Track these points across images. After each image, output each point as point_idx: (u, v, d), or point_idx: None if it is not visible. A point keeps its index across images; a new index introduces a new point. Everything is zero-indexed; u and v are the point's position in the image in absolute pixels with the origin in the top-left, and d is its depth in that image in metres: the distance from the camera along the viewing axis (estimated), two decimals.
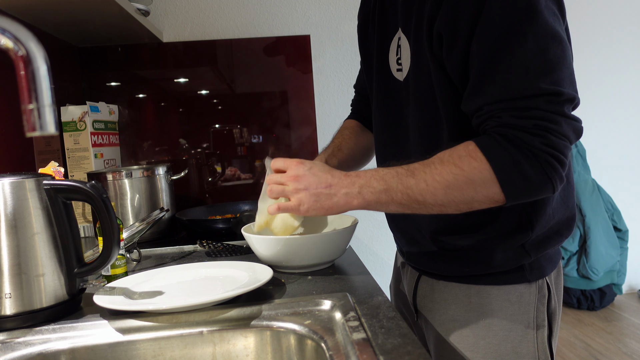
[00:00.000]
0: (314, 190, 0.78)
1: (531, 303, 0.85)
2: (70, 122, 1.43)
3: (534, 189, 0.71)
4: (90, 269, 0.77)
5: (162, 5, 1.80)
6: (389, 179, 0.75)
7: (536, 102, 0.69)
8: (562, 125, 0.69)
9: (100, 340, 0.70)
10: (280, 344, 0.70)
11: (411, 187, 0.74)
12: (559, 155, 0.69)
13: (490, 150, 0.70)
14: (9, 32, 0.54)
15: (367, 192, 0.76)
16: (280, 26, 1.86)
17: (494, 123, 0.72)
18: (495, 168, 0.69)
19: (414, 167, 0.75)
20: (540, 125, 0.69)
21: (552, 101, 0.69)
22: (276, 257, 0.90)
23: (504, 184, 0.70)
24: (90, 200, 0.76)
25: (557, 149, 0.69)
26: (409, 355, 0.55)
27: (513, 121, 0.70)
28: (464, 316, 0.87)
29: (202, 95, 1.82)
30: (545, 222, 0.83)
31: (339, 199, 0.78)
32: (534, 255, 0.84)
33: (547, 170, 0.69)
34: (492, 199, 0.72)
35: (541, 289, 0.86)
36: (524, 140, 0.69)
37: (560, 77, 0.70)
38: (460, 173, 0.71)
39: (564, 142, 0.70)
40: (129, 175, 1.32)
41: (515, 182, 0.70)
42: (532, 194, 0.72)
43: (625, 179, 2.89)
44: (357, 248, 1.94)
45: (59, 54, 1.60)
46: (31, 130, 0.55)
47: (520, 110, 0.70)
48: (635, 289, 3.00)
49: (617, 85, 2.80)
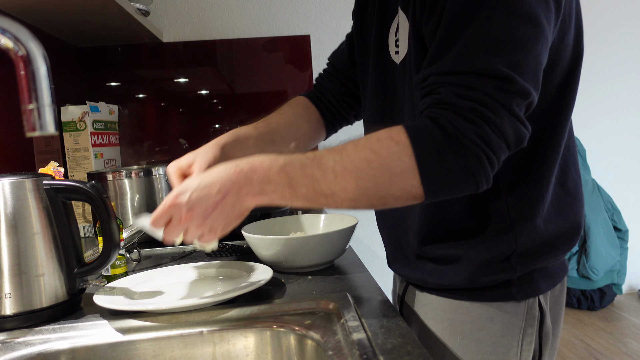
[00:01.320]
0: (214, 214, 0.66)
1: (517, 324, 0.76)
2: (70, 122, 1.43)
3: (455, 183, 0.61)
4: (90, 269, 0.77)
5: (162, 5, 1.80)
6: (292, 170, 0.64)
7: (483, 83, 0.59)
8: (503, 119, 0.59)
9: (100, 340, 0.70)
10: (280, 344, 0.70)
11: (317, 180, 0.63)
12: (489, 153, 0.59)
13: (416, 134, 0.60)
14: (9, 32, 0.54)
15: (270, 189, 0.65)
16: (280, 26, 1.86)
17: (431, 100, 0.63)
18: (417, 154, 0.59)
19: (321, 154, 0.64)
20: (478, 110, 0.59)
21: (501, 88, 0.59)
22: (276, 257, 0.90)
23: (424, 175, 0.60)
24: (90, 200, 0.76)
25: (489, 144, 0.59)
26: (409, 355, 0.55)
27: (450, 99, 0.60)
28: (440, 333, 0.80)
29: (202, 95, 1.82)
30: (534, 235, 0.74)
31: (241, 202, 0.66)
32: (521, 270, 0.75)
33: (473, 165, 0.59)
34: (409, 193, 0.61)
35: (531, 309, 0.76)
36: (455, 125, 0.59)
37: (521, 62, 0.60)
38: (375, 159, 0.61)
39: (499, 141, 0.60)
40: (129, 175, 1.32)
41: (436, 174, 0.60)
42: (452, 190, 0.62)
43: (625, 179, 2.89)
44: (357, 248, 1.94)
45: (59, 54, 1.60)
46: (31, 130, 0.55)
47: (462, 88, 0.60)
48: (635, 289, 3.00)
49: (617, 85, 2.80)
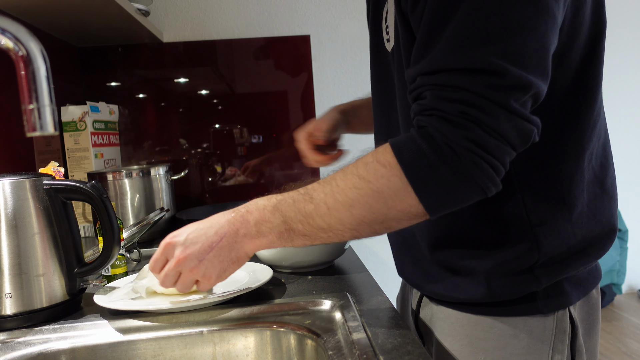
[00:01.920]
0: (209, 255, 0.64)
1: (546, 340, 0.67)
2: (71, 122, 1.43)
3: (457, 197, 0.56)
4: (90, 269, 0.77)
5: (162, 5, 1.80)
6: (285, 208, 0.61)
7: (470, 80, 0.52)
8: (498, 119, 0.52)
9: (100, 340, 0.70)
10: (280, 344, 0.70)
11: (311, 215, 0.60)
12: (489, 158, 0.53)
13: (403, 151, 0.55)
14: (9, 32, 0.54)
15: (266, 230, 0.62)
16: (280, 26, 1.86)
17: (417, 107, 0.57)
18: (407, 173, 0.55)
19: (312, 188, 0.61)
20: (467, 113, 0.52)
21: (491, 84, 0.52)
22: (276, 257, 0.90)
23: (421, 194, 0.55)
24: (90, 200, 0.76)
25: (485, 148, 0.53)
26: (409, 355, 0.55)
27: (436, 104, 0.54)
28: (460, 350, 0.71)
29: (202, 95, 1.82)
30: (559, 241, 0.66)
31: (238, 245, 0.64)
32: (547, 281, 0.66)
33: (473, 173, 0.54)
34: (410, 214, 0.57)
35: (561, 322, 0.68)
36: (444, 134, 0.53)
37: (517, 49, 0.52)
38: (365, 186, 0.57)
39: (498, 143, 0.53)
40: (129, 175, 1.32)
41: (433, 190, 0.55)
42: (456, 203, 0.57)
43: (625, 179, 2.89)
44: (357, 248, 1.93)
45: (59, 54, 1.60)
46: (31, 130, 0.55)
47: (447, 90, 0.53)
48: (635, 289, 3.00)
49: (616, 85, 2.80)
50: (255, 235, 0.63)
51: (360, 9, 1.90)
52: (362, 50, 1.92)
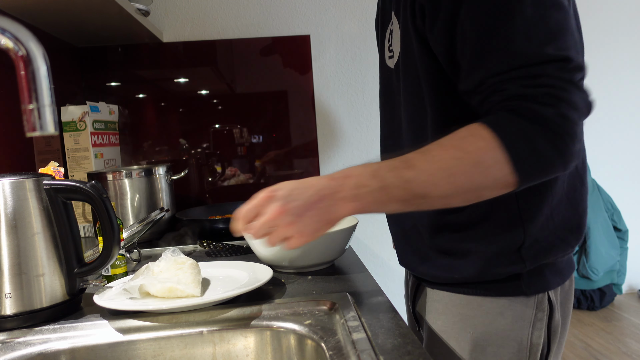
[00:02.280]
0: (308, 213, 0.65)
1: (527, 318, 0.77)
2: (70, 122, 1.43)
3: (548, 166, 0.63)
4: (90, 269, 0.77)
5: (162, 5, 1.80)
6: (384, 173, 0.64)
7: (545, 69, 0.63)
8: (573, 94, 0.63)
9: (100, 340, 0.70)
10: (280, 344, 0.70)
11: (410, 181, 0.63)
12: (572, 128, 0.62)
13: (499, 127, 0.63)
14: (9, 32, 0.54)
15: (364, 193, 0.64)
16: (280, 26, 1.86)
17: (499, 97, 0.65)
18: (506, 145, 0.61)
19: (410, 157, 0.65)
20: (551, 94, 0.62)
21: (561, 68, 0.63)
22: (276, 257, 0.90)
23: (517, 163, 0.61)
24: (90, 200, 0.76)
25: (570, 120, 0.62)
26: (409, 355, 0.55)
27: (521, 91, 0.63)
28: (451, 328, 0.81)
29: (202, 95, 1.82)
30: (541, 224, 0.75)
31: (336, 207, 0.65)
32: (531, 264, 0.76)
33: (561, 145, 0.62)
34: (503, 183, 0.63)
35: (540, 304, 0.78)
36: (536, 112, 0.62)
37: (565, 44, 0.64)
38: (464, 157, 0.63)
39: (576, 114, 0.63)
40: (129, 175, 1.32)
41: (528, 159, 0.62)
42: (545, 172, 0.65)
43: (625, 178, 2.89)
44: (357, 248, 1.94)
45: (59, 54, 1.60)
46: (31, 130, 0.55)
47: (528, 79, 0.63)
48: (635, 289, 3.00)
49: (616, 85, 2.80)
50: (352, 199, 0.65)
51: (360, 9, 1.90)
52: (362, 50, 1.92)
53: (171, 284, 0.75)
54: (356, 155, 1.94)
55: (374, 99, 1.94)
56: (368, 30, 1.91)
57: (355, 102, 1.95)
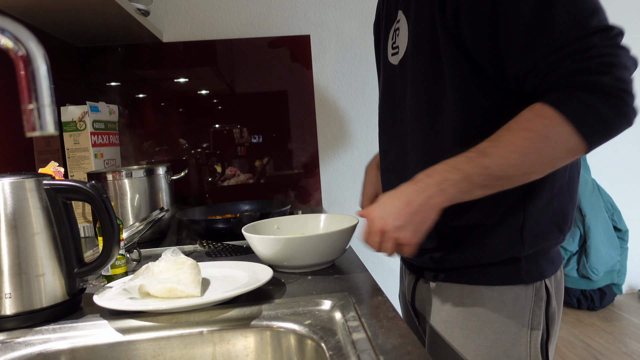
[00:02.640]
0: (403, 221, 0.75)
1: (527, 305, 0.82)
2: (70, 122, 1.43)
3: (613, 128, 0.69)
4: (90, 269, 0.77)
5: (162, 5, 1.80)
6: (463, 166, 0.73)
7: (592, 40, 0.67)
8: (622, 57, 0.68)
9: (100, 340, 0.70)
10: (280, 344, 0.70)
11: (489, 167, 0.71)
12: (629, 88, 0.68)
13: (560, 103, 0.68)
14: (9, 32, 0.54)
15: (448, 186, 0.73)
16: (280, 26, 1.86)
17: (556, 76, 0.70)
18: (570, 118, 0.67)
19: (482, 146, 0.72)
20: (604, 62, 0.67)
21: (606, 37, 0.68)
22: (276, 257, 0.90)
23: (584, 131, 0.67)
24: (90, 200, 0.76)
25: (627, 82, 0.67)
26: (409, 355, 0.55)
27: (576, 66, 0.68)
28: (455, 317, 0.85)
29: (202, 95, 1.82)
30: (541, 207, 0.81)
31: (425, 207, 0.74)
32: (529, 247, 0.81)
33: (622, 106, 0.67)
34: (573, 151, 0.70)
35: (538, 291, 0.83)
36: (594, 82, 0.67)
37: (603, 15, 0.69)
38: (534, 136, 0.69)
39: (628, 73, 0.68)
40: (129, 175, 1.32)
41: (594, 126, 0.68)
42: (611, 134, 0.70)
43: (625, 179, 2.89)
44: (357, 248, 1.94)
45: (59, 54, 1.60)
46: (31, 130, 0.55)
47: (579, 53, 0.68)
48: (635, 289, 3.00)
49: None
50: (438, 194, 0.74)
51: (360, 9, 1.90)
52: (362, 50, 1.92)
53: (171, 284, 0.75)
54: (356, 155, 1.94)
55: (373, 98, 1.94)
56: (368, 30, 1.91)
57: (355, 102, 1.95)
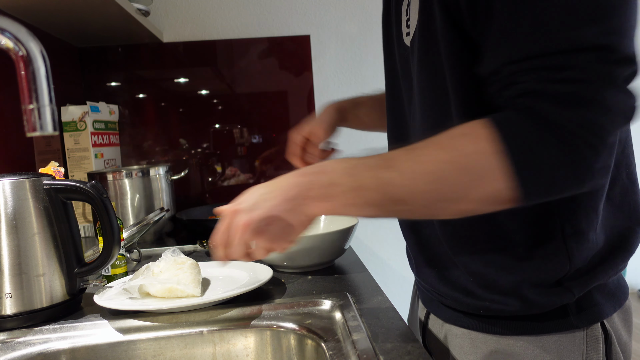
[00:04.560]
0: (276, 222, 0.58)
1: (577, 351, 0.62)
2: (71, 122, 1.43)
3: (556, 184, 0.50)
4: (90, 269, 0.77)
5: (162, 5, 1.80)
6: (360, 172, 0.55)
7: (577, 58, 0.47)
8: (610, 94, 0.48)
9: (100, 340, 0.70)
10: (280, 344, 0.70)
11: (389, 183, 0.53)
12: (597, 139, 0.48)
13: (503, 128, 0.50)
14: (9, 32, 0.54)
15: (336, 193, 0.56)
16: (280, 26, 1.86)
17: (515, 92, 0.51)
18: (511, 150, 0.49)
19: (393, 155, 0.56)
20: (577, 92, 0.48)
21: (601, 59, 0.47)
22: (276, 256, 0.90)
23: (523, 175, 0.49)
24: (90, 200, 0.76)
25: (595, 129, 0.48)
26: (409, 355, 0.55)
27: (541, 86, 0.49)
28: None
29: (202, 95, 1.82)
30: (589, 251, 0.61)
31: (305, 208, 0.57)
32: (579, 291, 0.61)
33: (576, 159, 0.48)
34: (496, 197, 0.51)
35: (592, 330, 0.63)
36: (557, 114, 0.48)
37: (617, 26, 0.48)
38: (454, 160, 0.51)
39: (610, 121, 0.48)
40: (129, 175, 1.32)
41: (539, 172, 0.49)
42: (556, 190, 0.51)
43: None
44: (357, 248, 1.93)
45: (59, 54, 1.60)
46: (31, 130, 0.55)
47: (552, 71, 0.49)
48: (635, 289, 3.00)
49: None
50: (323, 198, 0.56)
51: (360, 9, 1.90)
52: (362, 50, 1.92)
53: (171, 284, 0.75)
54: (356, 155, 1.94)
55: None
56: (368, 31, 1.91)
57: None
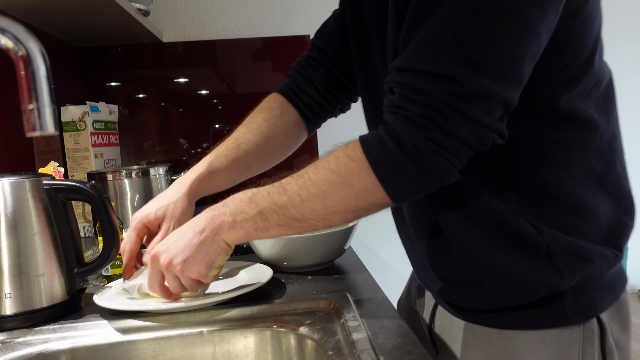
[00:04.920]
0: (192, 254, 0.67)
1: (574, 343, 0.65)
2: (70, 122, 1.43)
3: (421, 187, 0.60)
4: (90, 269, 0.77)
5: (162, 5, 1.80)
6: (260, 200, 0.65)
7: (432, 85, 0.55)
8: (454, 122, 0.55)
9: (100, 340, 0.70)
10: (280, 344, 0.70)
11: (285, 206, 0.63)
12: (448, 156, 0.57)
13: (371, 148, 0.59)
14: (9, 32, 0.54)
15: (242, 219, 0.66)
16: (280, 26, 1.86)
17: (386, 102, 0.61)
18: (375, 169, 0.59)
19: (286, 182, 0.65)
20: (427, 115, 0.55)
21: (448, 90, 0.54)
22: (276, 256, 0.90)
23: (387, 186, 0.59)
24: (90, 200, 0.76)
25: (445, 147, 0.56)
26: (409, 355, 0.55)
27: (401, 103, 0.57)
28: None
29: (202, 95, 1.82)
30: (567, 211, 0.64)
31: (219, 236, 0.67)
32: (570, 276, 0.63)
33: (433, 168, 0.57)
34: (378, 204, 0.61)
35: (589, 324, 0.66)
36: (407, 133, 0.57)
37: (484, 58, 0.53)
38: (336, 180, 0.60)
39: (455, 143, 0.56)
40: (129, 175, 1.32)
41: (398, 182, 0.59)
42: (419, 193, 0.61)
43: None
44: (357, 248, 1.93)
45: (59, 54, 1.60)
46: (31, 130, 0.55)
47: (412, 91, 0.56)
48: (635, 289, 3.00)
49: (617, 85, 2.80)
50: (232, 226, 0.67)
51: None
52: None
53: None
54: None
55: None
56: None
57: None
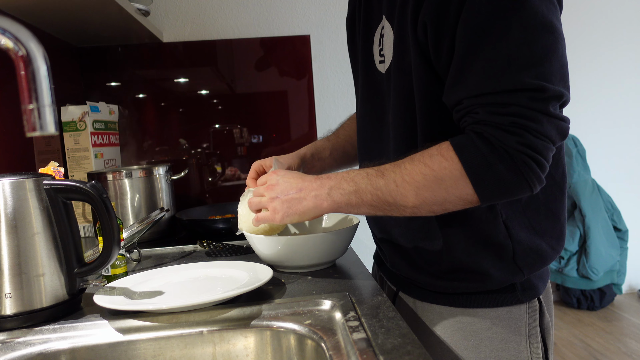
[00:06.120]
0: (285, 197, 0.78)
1: (522, 318, 0.81)
2: (70, 122, 1.43)
3: (509, 190, 0.67)
4: (90, 269, 0.77)
5: (162, 5, 1.80)
6: (359, 180, 0.74)
7: (517, 97, 0.65)
8: (543, 124, 0.65)
9: (100, 340, 0.70)
10: (280, 344, 0.70)
11: (380, 188, 0.71)
12: (537, 156, 0.65)
13: (463, 150, 0.67)
14: (9, 32, 0.54)
15: (337, 194, 0.75)
16: (280, 26, 1.86)
17: (471, 120, 0.69)
18: (466, 168, 0.67)
19: (384, 167, 0.73)
20: (517, 123, 0.65)
21: (534, 97, 0.65)
22: (276, 256, 0.90)
23: (477, 185, 0.67)
24: (90, 200, 0.76)
25: (535, 149, 0.65)
26: (409, 355, 0.55)
27: (489, 118, 0.66)
28: (450, 337, 0.83)
29: (202, 95, 1.82)
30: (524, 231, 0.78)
31: (308, 202, 0.77)
32: (528, 273, 0.80)
33: (524, 171, 0.65)
34: (465, 200, 0.69)
35: (532, 303, 0.82)
36: (499, 139, 0.65)
37: (547, 70, 0.65)
38: (429, 173, 0.68)
39: (544, 143, 0.66)
40: (129, 175, 1.32)
41: (488, 183, 0.67)
42: (507, 195, 0.69)
43: (625, 179, 2.89)
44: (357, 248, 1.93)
45: (59, 54, 1.60)
46: (31, 130, 0.55)
47: (498, 106, 0.66)
48: (635, 289, 3.00)
49: (617, 85, 2.80)
50: (326, 198, 0.76)
51: None
52: None
53: None
54: None
55: None
56: None
57: (354, 102, 1.94)
